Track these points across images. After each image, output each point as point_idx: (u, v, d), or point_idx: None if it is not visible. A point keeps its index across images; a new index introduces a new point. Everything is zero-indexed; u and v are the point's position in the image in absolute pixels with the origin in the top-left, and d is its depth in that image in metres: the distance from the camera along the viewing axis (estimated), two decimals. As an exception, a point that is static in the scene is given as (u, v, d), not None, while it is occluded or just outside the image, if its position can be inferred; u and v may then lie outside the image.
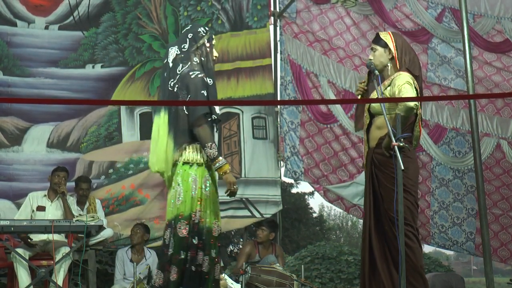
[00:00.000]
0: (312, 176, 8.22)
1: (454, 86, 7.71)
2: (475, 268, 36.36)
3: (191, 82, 3.99)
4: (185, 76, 4.03)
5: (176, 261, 3.89)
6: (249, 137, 8.08)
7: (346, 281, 10.95)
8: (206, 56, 4.15)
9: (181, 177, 3.98)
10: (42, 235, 5.53)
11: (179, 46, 4.15)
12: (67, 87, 7.41)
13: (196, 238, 3.94)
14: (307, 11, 8.25)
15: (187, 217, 3.93)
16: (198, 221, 3.95)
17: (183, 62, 4.10)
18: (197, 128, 3.97)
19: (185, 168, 3.99)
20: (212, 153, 3.95)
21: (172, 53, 4.14)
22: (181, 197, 3.96)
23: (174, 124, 4.03)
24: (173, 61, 4.11)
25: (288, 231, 18.43)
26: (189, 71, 4.04)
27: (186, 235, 3.90)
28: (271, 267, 5.88)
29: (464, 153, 7.91)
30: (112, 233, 6.66)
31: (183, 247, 3.89)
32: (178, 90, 4.02)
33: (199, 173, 3.99)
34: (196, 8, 7.99)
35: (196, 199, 3.95)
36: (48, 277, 5.20)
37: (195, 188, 3.96)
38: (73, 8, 7.48)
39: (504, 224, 7.92)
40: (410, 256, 3.93)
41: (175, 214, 3.97)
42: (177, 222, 3.94)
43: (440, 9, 7.72)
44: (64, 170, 6.12)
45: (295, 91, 8.22)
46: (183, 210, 3.94)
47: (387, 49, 4.26)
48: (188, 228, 3.91)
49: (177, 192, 3.98)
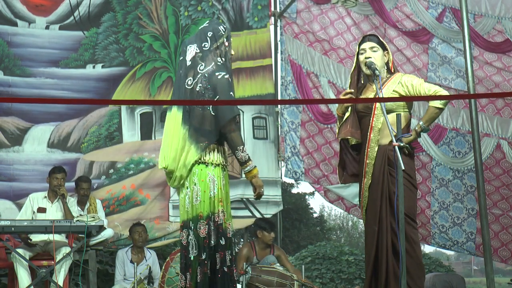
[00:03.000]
0: (312, 176, 8.23)
1: (455, 86, 7.71)
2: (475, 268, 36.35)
3: (219, 83, 3.92)
4: (211, 77, 3.94)
5: (199, 262, 3.83)
6: (249, 137, 8.08)
7: (346, 281, 10.95)
8: (225, 55, 4.09)
9: (197, 176, 3.91)
10: (42, 236, 5.53)
11: (199, 45, 4.04)
12: (68, 87, 7.41)
13: (223, 239, 3.89)
14: (307, 11, 8.25)
15: (206, 217, 3.87)
16: (222, 221, 3.90)
17: (204, 61, 4.00)
18: (229, 131, 3.93)
19: (201, 167, 3.92)
20: (244, 156, 3.92)
21: (191, 51, 4.04)
22: (199, 197, 3.88)
23: (193, 124, 3.93)
24: (191, 60, 4.02)
25: (289, 231, 18.42)
26: (215, 71, 3.96)
27: (205, 235, 3.84)
28: (272, 267, 5.88)
29: (464, 153, 7.92)
30: (112, 234, 6.66)
31: (204, 248, 3.84)
32: (203, 90, 3.92)
33: (216, 173, 3.94)
34: (196, 8, 7.99)
35: (217, 199, 3.90)
36: (49, 277, 5.20)
37: (214, 188, 3.90)
38: (74, 8, 7.48)
39: (504, 224, 7.92)
40: (417, 253, 3.96)
41: (193, 214, 3.89)
42: (196, 222, 3.87)
43: (441, 9, 7.73)
44: (62, 170, 6.09)
45: (295, 91, 8.22)
46: (202, 210, 3.87)
47: (386, 52, 4.32)
48: (207, 228, 3.85)
49: (194, 192, 3.90)
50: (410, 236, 3.93)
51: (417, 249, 3.96)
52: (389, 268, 4.03)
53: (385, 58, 4.33)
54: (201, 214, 3.88)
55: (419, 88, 4.16)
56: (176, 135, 3.95)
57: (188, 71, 4.02)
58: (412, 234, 3.96)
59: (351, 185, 8.07)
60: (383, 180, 4.12)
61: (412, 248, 3.94)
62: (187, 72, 4.02)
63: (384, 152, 4.16)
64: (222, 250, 3.89)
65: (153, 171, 7.47)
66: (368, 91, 4.35)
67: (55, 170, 6.10)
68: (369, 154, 4.22)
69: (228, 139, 3.97)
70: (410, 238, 3.93)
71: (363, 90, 4.39)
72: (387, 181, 4.11)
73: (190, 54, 4.05)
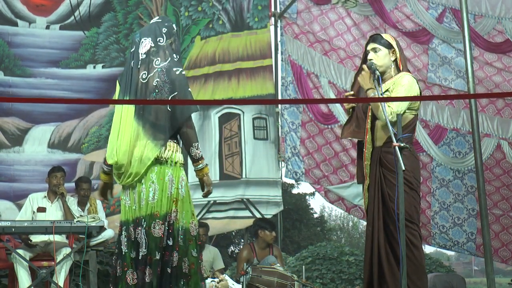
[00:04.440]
0: (312, 176, 8.23)
1: (455, 86, 7.72)
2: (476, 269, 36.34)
3: (177, 79, 3.87)
4: (168, 72, 3.88)
5: (151, 262, 3.73)
6: (250, 138, 8.08)
7: (347, 282, 10.94)
8: (179, 52, 4.07)
9: (156, 174, 3.81)
10: (43, 236, 5.53)
11: (153, 39, 3.97)
12: (68, 87, 7.41)
13: (171, 240, 3.78)
14: (307, 11, 8.25)
15: (163, 217, 3.76)
16: (173, 222, 3.79)
17: (158, 56, 3.94)
18: (186, 127, 3.86)
19: (159, 166, 3.82)
20: (198, 153, 3.84)
21: (146, 45, 3.96)
22: (156, 196, 3.78)
23: (149, 119, 3.84)
24: (146, 53, 3.94)
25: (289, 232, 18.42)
26: (172, 66, 3.91)
27: (162, 235, 3.73)
28: (272, 268, 5.88)
29: (464, 153, 7.92)
30: (113, 234, 6.65)
31: (158, 248, 3.73)
32: (162, 84, 3.85)
33: (175, 172, 3.84)
34: (197, 8, 7.99)
35: (171, 200, 3.80)
36: (49, 278, 5.20)
37: (172, 188, 3.80)
38: (74, 8, 7.48)
39: (504, 224, 7.93)
40: (416, 255, 3.94)
41: (147, 212, 3.77)
42: (151, 221, 3.75)
43: (441, 9, 7.73)
44: (61, 170, 6.09)
45: (295, 91, 8.22)
46: (158, 209, 3.76)
47: (392, 50, 4.23)
48: (163, 229, 3.74)
49: (151, 190, 3.79)
50: (408, 237, 3.92)
51: (415, 251, 3.94)
52: (384, 269, 4.04)
53: (391, 57, 4.24)
54: (157, 213, 3.77)
55: (396, 92, 4.09)
56: (128, 129, 3.83)
57: (141, 65, 3.94)
58: (410, 236, 3.95)
59: (351, 185, 8.09)
60: (375, 181, 4.14)
61: (409, 250, 3.93)
62: (140, 66, 3.94)
63: (377, 154, 4.17)
64: (169, 251, 3.77)
65: (153, 171, 7.46)
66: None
67: (54, 169, 6.10)
68: (366, 156, 4.23)
69: (184, 134, 3.87)
70: (408, 240, 3.93)
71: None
72: (379, 183, 4.12)
73: (145, 47, 3.96)
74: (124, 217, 3.86)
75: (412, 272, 3.83)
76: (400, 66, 4.22)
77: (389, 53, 4.22)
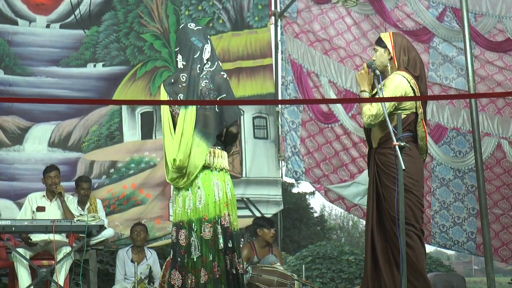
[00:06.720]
0: (313, 176, 8.23)
1: (456, 85, 7.71)
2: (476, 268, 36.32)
3: (225, 82, 4.09)
4: (213, 76, 4.07)
5: (205, 263, 3.90)
6: (250, 137, 8.08)
7: (347, 281, 10.96)
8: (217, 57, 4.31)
9: (201, 180, 3.98)
10: (43, 235, 5.53)
11: (211, 45, 4.20)
12: (68, 86, 7.40)
13: (231, 242, 3.97)
14: (308, 11, 8.24)
15: (211, 220, 3.93)
16: (229, 224, 3.99)
17: (209, 60, 4.15)
18: (234, 130, 4.10)
19: (205, 172, 4.00)
20: (232, 150, 4.31)
21: (208, 51, 4.16)
22: (203, 200, 3.95)
23: (198, 126, 3.99)
24: (207, 59, 4.14)
25: (289, 231, 18.43)
26: (217, 71, 4.11)
27: (211, 237, 3.91)
28: (272, 267, 5.88)
29: (464, 153, 7.92)
30: (113, 233, 6.65)
31: (210, 250, 3.91)
32: (207, 90, 4.04)
33: (220, 177, 4.02)
34: (197, 7, 7.98)
35: (222, 203, 3.97)
36: (49, 277, 5.20)
37: (219, 192, 3.98)
38: (75, 7, 7.47)
39: (505, 224, 7.92)
40: (411, 256, 3.94)
41: (196, 216, 3.95)
42: (200, 224, 3.93)
43: (441, 8, 7.72)
44: (54, 168, 6.08)
45: (296, 91, 8.22)
46: (206, 213, 3.94)
47: (387, 50, 4.27)
48: (213, 231, 3.92)
49: (198, 195, 3.97)
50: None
51: (410, 251, 3.94)
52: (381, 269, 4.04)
53: (387, 56, 4.27)
54: (206, 217, 3.93)
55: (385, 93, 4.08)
56: (189, 134, 3.98)
57: (204, 70, 4.11)
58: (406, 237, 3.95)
59: (351, 185, 8.09)
60: (372, 181, 4.19)
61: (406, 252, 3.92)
62: (203, 70, 4.10)
63: (372, 155, 4.20)
64: (231, 252, 3.97)
65: (153, 170, 7.47)
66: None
67: (47, 169, 6.09)
68: (367, 156, 4.29)
69: (232, 137, 4.13)
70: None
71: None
72: (374, 183, 4.15)
73: (208, 53, 4.15)
74: (178, 218, 4.04)
75: (408, 273, 3.83)
76: (395, 64, 4.24)
77: (384, 52, 4.27)
